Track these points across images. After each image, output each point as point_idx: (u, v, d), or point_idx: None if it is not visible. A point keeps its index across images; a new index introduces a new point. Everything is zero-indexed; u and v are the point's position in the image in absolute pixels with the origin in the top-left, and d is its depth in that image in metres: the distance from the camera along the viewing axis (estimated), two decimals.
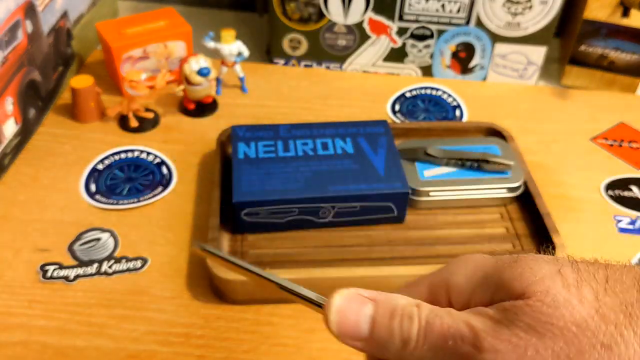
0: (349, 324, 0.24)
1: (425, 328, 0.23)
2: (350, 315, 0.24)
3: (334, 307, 0.25)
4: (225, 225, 0.56)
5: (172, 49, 0.73)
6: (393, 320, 0.24)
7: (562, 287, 0.22)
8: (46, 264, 0.53)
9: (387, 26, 0.76)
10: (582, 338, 0.21)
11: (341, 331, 0.25)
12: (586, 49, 0.77)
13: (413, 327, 0.23)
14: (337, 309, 0.25)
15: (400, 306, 0.24)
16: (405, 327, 0.24)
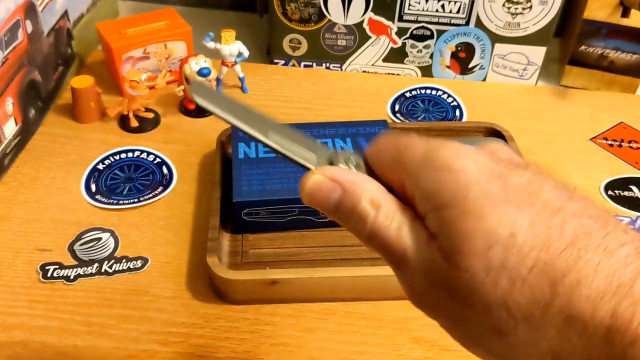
0: (318, 202, 0.27)
1: (373, 234, 0.26)
2: (320, 196, 0.27)
3: (309, 185, 0.27)
4: (225, 225, 0.56)
5: (172, 49, 0.73)
6: (351, 216, 0.26)
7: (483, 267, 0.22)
8: (46, 264, 0.53)
9: (387, 26, 0.76)
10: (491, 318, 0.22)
11: (311, 203, 0.27)
12: (586, 49, 0.77)
13: (364, 229, 0.26)
14: (310, 187, 0.27)
15: (362, 205, 0.26)
16: (359, 226, 0.26)
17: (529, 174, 0.24)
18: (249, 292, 0.50)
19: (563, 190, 0.23)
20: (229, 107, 0.30)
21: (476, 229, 0.22)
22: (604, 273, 0.20)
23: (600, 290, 0.20)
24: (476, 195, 0.23)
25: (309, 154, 0.29)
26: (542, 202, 0.22)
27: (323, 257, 0.54)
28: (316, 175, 0.27)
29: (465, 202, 0.23)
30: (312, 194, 0.27)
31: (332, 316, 0.50)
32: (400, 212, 0.25)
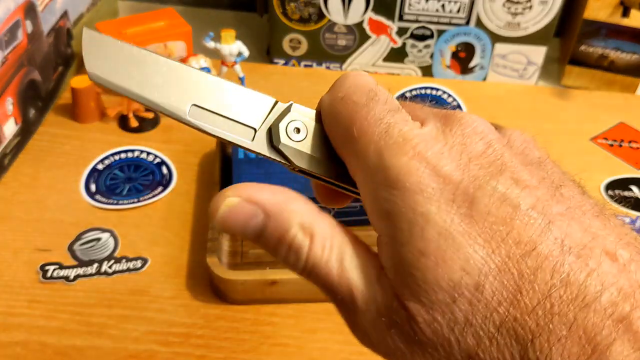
0: (234, 229, 0.22)
1: (310, 271, 0.21)
2: (237, 222, 0.22)
3: (221, 211, 0.22)
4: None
5: (172, 49, 0.73)
6: (279, 248, 0.22)
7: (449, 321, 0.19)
8: (46, 264, 0.53)
9: (387, 26, 0.76)
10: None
11: (225, 231, 0.22)
12: (586, 49, 0.77)
13: (298, 265, 0.21)
14: (223, 213, 0.22)
15: (291, 234, 0.21)
16: (291, 260, 0.21)
17: (501, 189, 0.19)
18: (249, 292, 0.50)
19: (542, 213, 0.19)
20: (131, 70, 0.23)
21: (437, 279, 0.18)
22: (579, 334, 0.17)
23: (573, 355, 0.17)
24: (437, 232, 0.19)
25: (242, 129, 0.23)
26: (515, 235, 0.18)
27: None
28: (230, 198, 0.22)
29: (424, 242, 0.19)
30: (226, 221, 0.22)
31: (332, 316, 0.50)
32: (340, 236, 0.22)
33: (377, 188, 0.20)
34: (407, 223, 0.19)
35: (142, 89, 0.23)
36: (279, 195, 0.22)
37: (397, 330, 0.20)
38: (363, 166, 0.21)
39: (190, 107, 0.23)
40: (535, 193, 0.20)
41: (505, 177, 0.20)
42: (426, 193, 0.19)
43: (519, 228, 0.19)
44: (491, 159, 0.20)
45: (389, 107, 0.21)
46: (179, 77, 0.23)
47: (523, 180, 0.20)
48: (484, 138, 0.21)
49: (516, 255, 0.18)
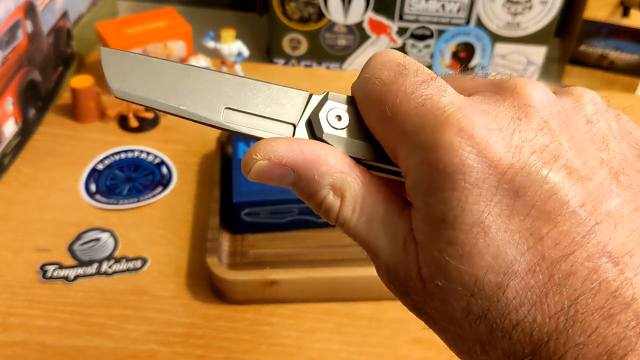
0: (269, 183, 0.22)
1: (340, 227, 0.21)
2: (270, 180, 0.21)
3: (255, 170, 0.21)
4: (225, 225, 0.56)
5: (172, 49, 0.73)
6: (311, 203, 0.21)
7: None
8: (46, 264, 0.53)
9: (387, 26, 0.76)
10: None
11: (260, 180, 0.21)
12: (586, 49, 0.77)
13: (330, 220, 0.21)
14: (257, 172, 0.21)
15: (322, 194, 0.21)
16: (322, 215, 0.21)
17: (558, 174, 0.18)
18: (248, 292, 0.50)
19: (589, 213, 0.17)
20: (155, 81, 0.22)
21: (459, 271, 0.18)
22: (598, 342, 0.17)
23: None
24: (470, 223, 0.18)
25: (281, 126, 0.22)
26: (554, 235, 0.17)
27: (323, 257, 0.54)
28: (259, 162, 0.21)
29: (454, 231, 0.18)
30: (259, 178, 0.21)
31: (332, 316, 0.50)
32: (372, 196, 0.21)
33: (417, 169, 0.19)
34: (442, 205, 0.18)
35: (171, 100, 0.22)
36: (309, 153, 0.21)
37: (411, 299, 0.20)
38: (403, 147, 0.20)
39: (224, 111, 0.22)
40: (588, 186, 0.18)
41: (558, 165, 0.18)
42: (468, 177, 0.18)
43: (561, 228, 0.17)
44: (546, 141, 0.18)
45: (421, 78, 0.20)
46: (207, 81, 0.22)
47: (577, 170, 0.18)
48: (541, 112, 0.19)
49: (551, 257, 0.17)
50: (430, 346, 0.48)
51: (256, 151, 0.21)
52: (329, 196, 0.21)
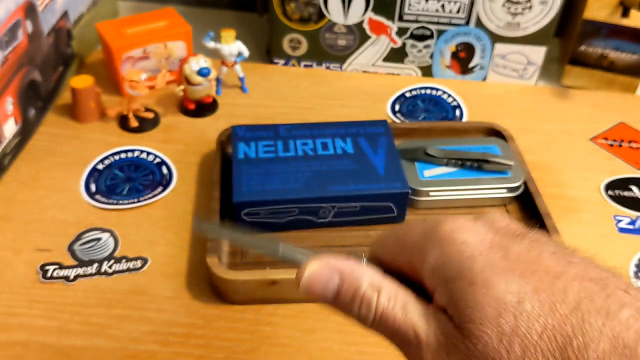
0: (316, 291, 0.27)
1: (379, 319, 0.26)
2: (318, 284, 0.27)
3: (307, 274, 0.27)
4: (225, 225, 0.56)
5: (172, 49, 0.73)
6: (353, 303, 0.26)
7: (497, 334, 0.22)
8: (46, 264, 0.53)
9: (387, 26, 0.76)
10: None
11: (309, 293, 0.27)
12: (586, 49, 0.77)
13: (369, 315, 0.26)
14: (307, 276, 0.27)
15: (362, 290, 0.26)
16: (363, 312, 0.26)
17: (527, 242, 0.25)
18: (249, 292, 0.50)
19: (562, 255, 0.24)
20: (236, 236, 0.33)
21: (485, 298, 0.23)
22: (609, 335, 0.21)
23: (607, 352, 0.21)
24: (481, 266, 0.24)
25: None
26: (543, 268, 0.23)
27: None
28: (313, 263, 0.27)
29: (472, 274, 0.24)
30: (310, 282, 0.27)
31: (332, 316, 0.50)
32: (402, 291, 0.26)
33: (431, 252, 0.26)
34: (457, 265, 0.24)
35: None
36: (351, 262, 0.27)
37: (454, 351, 0.23)
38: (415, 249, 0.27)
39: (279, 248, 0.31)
40: (554, 248, 0.25)
41: (527, 237, 0.25)
42: (470, 243, 0.25)
43: (545, 263, 0.24)
44: (512, 229, 0.26)
45: None
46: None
47: (543, 242, 0.25)
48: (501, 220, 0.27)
49: (546, 280, 0.23)
50: None
51: (309, 260, 0.28)
52: (368, 290, 0.26)
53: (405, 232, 0.28)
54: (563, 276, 0.23)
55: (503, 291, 0.23)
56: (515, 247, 0.24)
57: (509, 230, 0.26)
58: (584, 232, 0.59)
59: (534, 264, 0.23)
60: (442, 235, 0.26)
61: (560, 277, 0.23)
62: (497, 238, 0.25)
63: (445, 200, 0.59)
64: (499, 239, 0.25)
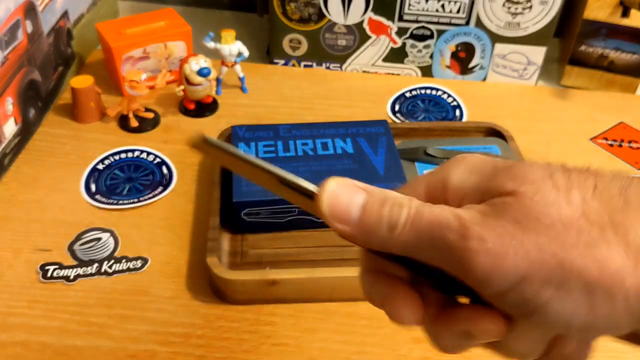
0: (341, 207, 0.24)
1: (414, 215, 0.24)
2: (343, 199, 0.24)
3: (328, 190, 0.24)
4: (225, 225, 0.56)
5: (172, 49, 0.73)
6: (383, 207, 0.24)
7: (552, 188, 0.23)
8: (46, 264, 0.53)
9: (387, 26, 0.76)
10: (567, 236, 0.22)
11: (332, 213, 0.24)
12: (586, 49, 0.77)
13: (402, 213, 0.24)
14: (330, 192, 0.24)
15: (392, 197, 0.24)
16: (395, 213, 0.24)
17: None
18: (249, 292, 0.50)
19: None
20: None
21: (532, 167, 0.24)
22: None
23: None
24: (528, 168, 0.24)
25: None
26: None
27: (323, 257, 0.54)
28: (331, 181, 0.25)
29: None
30: (334, 195, 0.24)
31: (332, 316, 0.50)
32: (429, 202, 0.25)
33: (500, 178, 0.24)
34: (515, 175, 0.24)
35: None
36: (374, 187, 0.25)
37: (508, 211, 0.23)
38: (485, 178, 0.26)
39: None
40: None
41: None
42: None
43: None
44: None
45: None
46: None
47: None
48: None
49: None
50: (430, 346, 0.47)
51: (329, 179, 0.25)
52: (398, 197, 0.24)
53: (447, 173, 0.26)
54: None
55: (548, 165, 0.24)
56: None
57: None
58: None
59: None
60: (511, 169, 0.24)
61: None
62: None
63: None
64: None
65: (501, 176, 0.24)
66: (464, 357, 0.49)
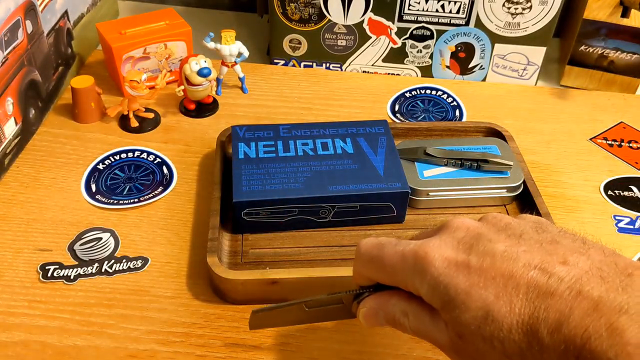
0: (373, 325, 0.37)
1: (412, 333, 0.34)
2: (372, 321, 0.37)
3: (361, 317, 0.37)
4: (225, 225, 0.56)
5: (173, 50, 0.74)
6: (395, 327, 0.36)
7: None
8: (46, 264, 0.53)
9: (387, 26, 0.76)
10: None
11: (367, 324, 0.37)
12: (586, 49, 0.77)
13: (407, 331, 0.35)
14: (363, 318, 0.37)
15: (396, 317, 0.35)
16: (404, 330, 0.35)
17: (482, 248, 0.31)
18: (249, 292, 0.50)
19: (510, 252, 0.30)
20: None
21: (467, 320, 0.30)
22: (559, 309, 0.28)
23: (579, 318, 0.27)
24: (454, 292, 0.30)
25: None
26: (498, 273, 0.30)
27: (323, 257, 0.54)
28: (363, 309, 0.37)
29: (453, 302, 0.30)
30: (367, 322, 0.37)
31: None
32: (420, 309, 0.33)
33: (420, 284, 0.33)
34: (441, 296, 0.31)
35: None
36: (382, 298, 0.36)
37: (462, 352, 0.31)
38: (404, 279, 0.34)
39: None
40: (504, 243, 0.31)
41: (482, 241, 0.32)
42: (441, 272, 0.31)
43: (498, 266, 0.30)
44: (470, 236, 0.32)
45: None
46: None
47: (494, 239, 0.32)
48: (461, 227, 0.33)
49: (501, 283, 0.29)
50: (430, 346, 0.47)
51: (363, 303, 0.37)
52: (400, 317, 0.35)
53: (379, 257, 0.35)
54: (513, 275, 0.29)
55: (474, 309, 0.29)
56: (473, 260, 0.31)
57: (468, 240, 0.32)
58: (584, 232, 0.58)
59: (490, 271, 0.30)
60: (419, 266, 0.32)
61: (511, 277, 0.29)
62: (460, 257, 0.31)
63: (445, 200, 0.59)
64: (461, 257, 0.31)
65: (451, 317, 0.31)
66: None
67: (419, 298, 0.33)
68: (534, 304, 0.28)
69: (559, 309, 0.27)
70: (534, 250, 0.30)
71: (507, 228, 0.33)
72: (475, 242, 0.32)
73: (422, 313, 0.33)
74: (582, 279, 0.28)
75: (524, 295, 0.28)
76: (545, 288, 0.28)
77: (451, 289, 0.30)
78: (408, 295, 0.34)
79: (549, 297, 0.28)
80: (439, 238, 0.33)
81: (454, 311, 0.30)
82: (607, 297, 0.27)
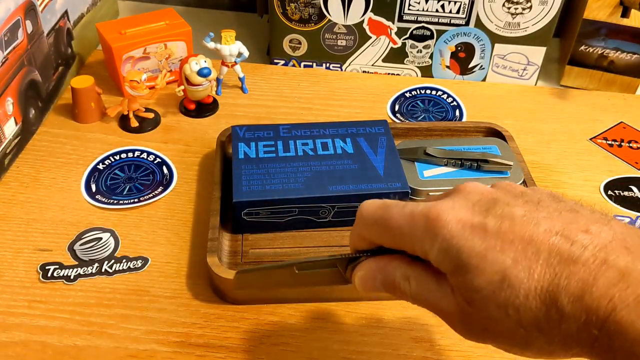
0: (370, 289, 0.35)
1: (413, 299, 0.33)
2: (368, 284, 0.35)
3: (357, 280, 0.35)
4: (225, 225, 0.56)
5: (173, 50, 0.74)
6: (394, 293, 0.34)
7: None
8: (46, 264, 0.53)
9: (387, 26, 0.76)
10: None
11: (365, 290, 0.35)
12: (586, 49, 0.77)
13: (408, 298, 0.33)
14: (359, 281, 0.35)
15: (397, 281, 0.33)
16: (405, 297, 0.33)
17: (500, 211, 0.29)
18: (248, 292, 0.50)
19: (530, 216, 0.29)
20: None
21: (480, 285, 0.28)
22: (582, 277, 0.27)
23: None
24: (468, 255, 0.29)
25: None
26: (518, 237, 0.28)
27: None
28: (360, 272, 0.35)
29: (466, 267, 0.29)
30: (361, 285, 0.35)
31: (332, 316, 0.50)
32: (424, 274, 0.32)
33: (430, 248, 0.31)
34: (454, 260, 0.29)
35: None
36: (384, 260, 0.34)
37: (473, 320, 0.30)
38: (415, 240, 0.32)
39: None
40: (523, 208, 0.30)
41: (499, 204, 0.30)
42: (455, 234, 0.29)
43: (519, 229, 0.28)
44: (487, 199, 0.31)
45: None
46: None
47: (512, 203, 0.30)
48: (475, 191, 0.32)
49: (520, 248, 0.28)
50: (430, 346, 0.48)
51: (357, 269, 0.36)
52: (401, 282, 0.33)
53: (384, 218, 0.33)
54: (533, 239, 0.28)
55: (490, 274, 0.28)
56: (490, 223, 0.29)
57: (483, 203, 0.30)
58: None
59: (509, 235, 0.28)
60: (430, 228, 0.30)
61: (531, 242, 0.28)
62: (475, 219, 0.29)
63: None
64: (477, 220, 0.29)
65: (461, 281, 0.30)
66: (464, 357, 0.49)
67: (423, 262, 0.32)
68: (555, 270, 0.26)
69: (582, 277, 0.26)
70: (554, 217, 0.29)
71: (523, 194, 0.31)
72: (492, 205, 0.30)
73: (427, 278, 0.32)
74: (606, 247, 0.26)
75: (544, 261, 0.27)
76: (567, 254, 0.27)
77: (464, 252, 0.29)
78: (410, 259, 0.33)
79: (571, 264, 0.26)
80: (452, 200, 0.31)
81: (467, 275, 0.29)
82: (634, 267, 0.25)
